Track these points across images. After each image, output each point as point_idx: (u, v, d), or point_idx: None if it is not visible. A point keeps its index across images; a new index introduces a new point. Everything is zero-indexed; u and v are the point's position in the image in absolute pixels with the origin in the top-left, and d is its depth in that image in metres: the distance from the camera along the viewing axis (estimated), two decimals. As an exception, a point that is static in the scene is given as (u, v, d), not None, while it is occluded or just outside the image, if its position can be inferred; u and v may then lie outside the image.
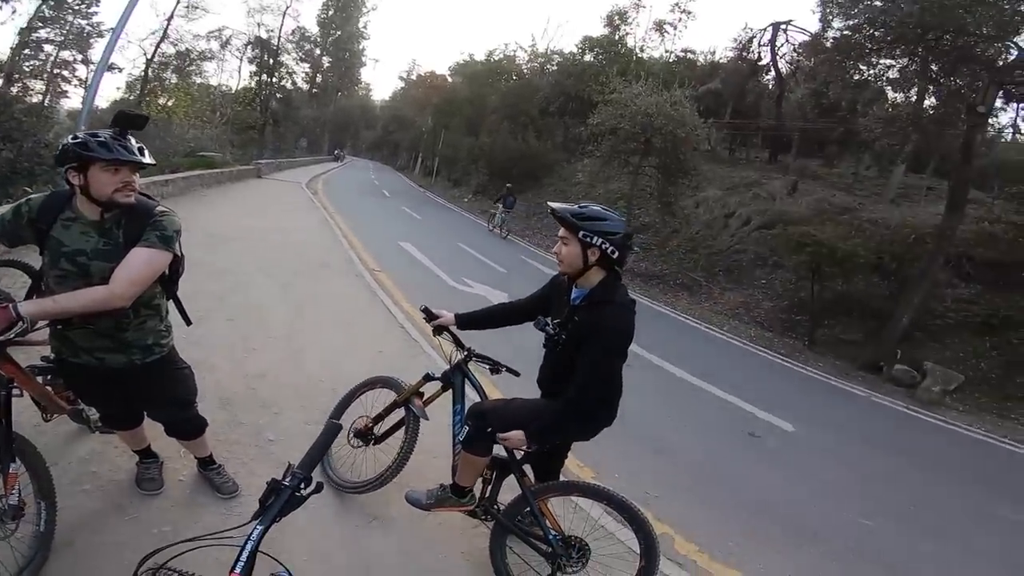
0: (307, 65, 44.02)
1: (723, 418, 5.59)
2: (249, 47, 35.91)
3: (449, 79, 46.17)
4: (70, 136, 1.80)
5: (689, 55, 29.54)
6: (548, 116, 28.40)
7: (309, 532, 2.38)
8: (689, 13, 30.32)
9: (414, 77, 58.11)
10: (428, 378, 2.58)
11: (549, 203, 2.05)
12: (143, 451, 2.51)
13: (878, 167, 19.18)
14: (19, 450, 1.85)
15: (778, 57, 22.17)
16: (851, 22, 11.05)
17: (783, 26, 21.70)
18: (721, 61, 27.30)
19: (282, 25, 36.41)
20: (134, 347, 2.00)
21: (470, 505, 2.37)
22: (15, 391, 1.85)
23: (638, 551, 2.15)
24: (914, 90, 11.88)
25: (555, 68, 30.84)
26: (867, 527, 3.94)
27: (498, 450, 2.25)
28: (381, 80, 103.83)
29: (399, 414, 2.68)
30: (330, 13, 44.08)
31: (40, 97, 25.90)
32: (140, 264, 1.79)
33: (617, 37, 30.37)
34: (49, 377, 2.28)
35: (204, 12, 31.13)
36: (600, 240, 1.90)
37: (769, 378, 8.09)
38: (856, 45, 10.85)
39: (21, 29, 24.75)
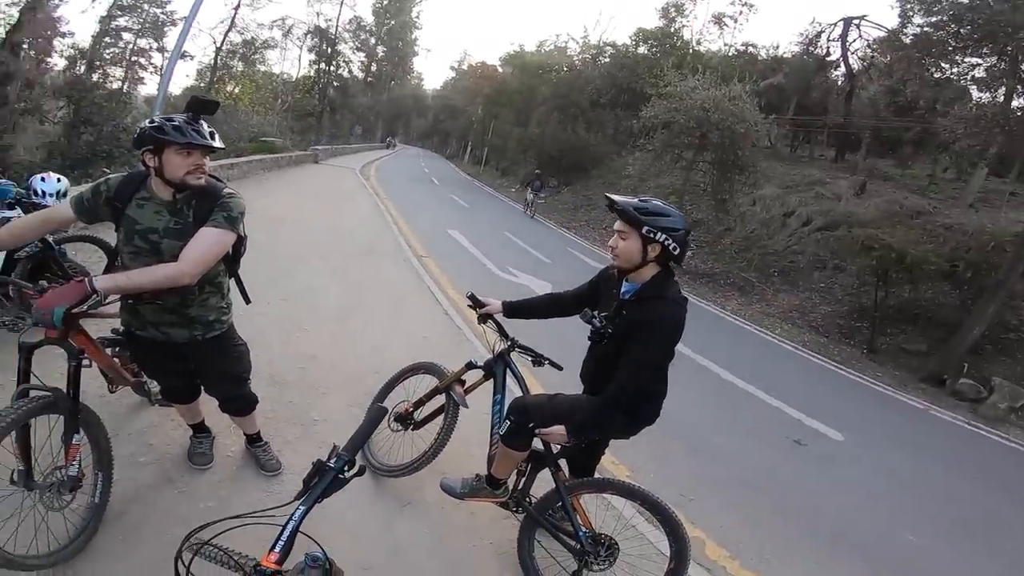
0: (363, 54, 44.83)
1: (768, 423, 5.39)
2: (309, 36, 37.02)
3: (499, 69, 46.06)
4: (147, 120, 1.88)
5: (750, 49, 28.41)
6: (599, 108, 27.97)
7: (343, 513, 2.40)
8: (751, 6, 29.08)
9: (465, 67, 58.32)
10: (471, 366, 2.57)
11: (609, 195, 1.98)
12: (197, 425, 2.62)
13: (957, 169, 17.84)
14: (84, 421, 1.92)
15: (849, 53, 20.94)
16: (934, 19, 10.31)
17: (856, 21, 20.47)
18: (785, 56, 26.09)
19: (339, 14, 37.34)
20: (197, 323, 2.09)
21: (503, 497, 2.37)
22: (84, 362, 1.93)
23: (668, 553, 2.11)
24: (1002, 90, 10.95)
25: (607, 60, 30.27)
26: (914, 543, 3.75)
27: (535, 443, 2.24)
28: (433, 69, 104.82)
29: (440, 400, 2.68)
30: (384, 2, 44.55)
31: (119, 83, 27.48)
32: (207, 243, 1.87)
33: (673, 29, 29.55)
34: (117, 349, 2.39)
35: (267, 1, 32.39)
36: (664, 236, 1.85)
37: (821, 385, 7.75)
38: (938, 43, 10.16)
39: (102, 17, 26.26)
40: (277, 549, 1.14)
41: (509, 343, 2.48)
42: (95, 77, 25.20)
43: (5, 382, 2.91)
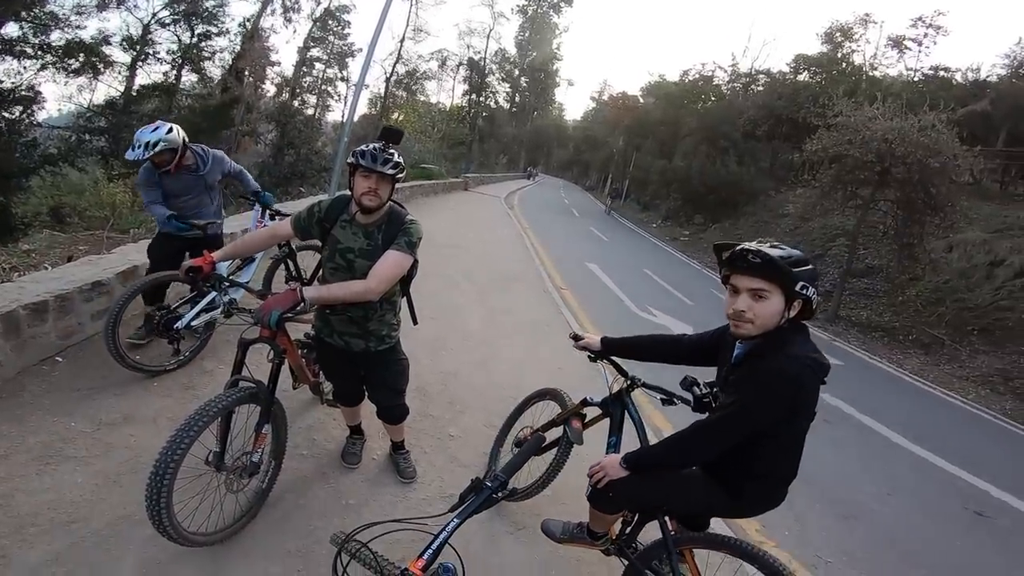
0: (507, 85, 47.62)
1: (943, 492, 4.69)
2: (461, 67, 40.18)
3: (641, 100, 45.50)
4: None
5: (942, 73, 24.85)
6: (753, 140, 26.20)
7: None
8: (938, 28, 25.45)
9: (605, 98, 58.64)
10: (585, 403, 2.37)
11: (758, 245, 1.53)
12: (354, 428, 2.87)
13: None
14: (273, 413, 2.13)
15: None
16: None
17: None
18: (989, 79, 22.46)
19: (487, 47, 40.17)
20: (372, 335, 2.28)
21: (603, 547, 2.21)
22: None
23: None
24: None
25: (761, 89, 28.65)
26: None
27: None
28: (574, 100, 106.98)
29: (558, 431, 2.61)
30: (526, 35, 46.90)
31: (313, 110, 31.93)
32: (391, 265, 2.06)
33: (839, 55, 27.06)
34: (306, 351, 2.69)
35: (426, 35, 36.33)
36: (812, 290, 1.50)
37: (1021, 457, 6.50)
38: None
39: (299, 48, 30.88)
40: (426, 556, 1.17)
41: (628, 382, 2.24)
42: (296, 103, 29.48)
43: (213, 368, 3.40)
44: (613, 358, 2.29)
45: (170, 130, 3.18)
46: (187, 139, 3.31)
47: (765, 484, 1.68)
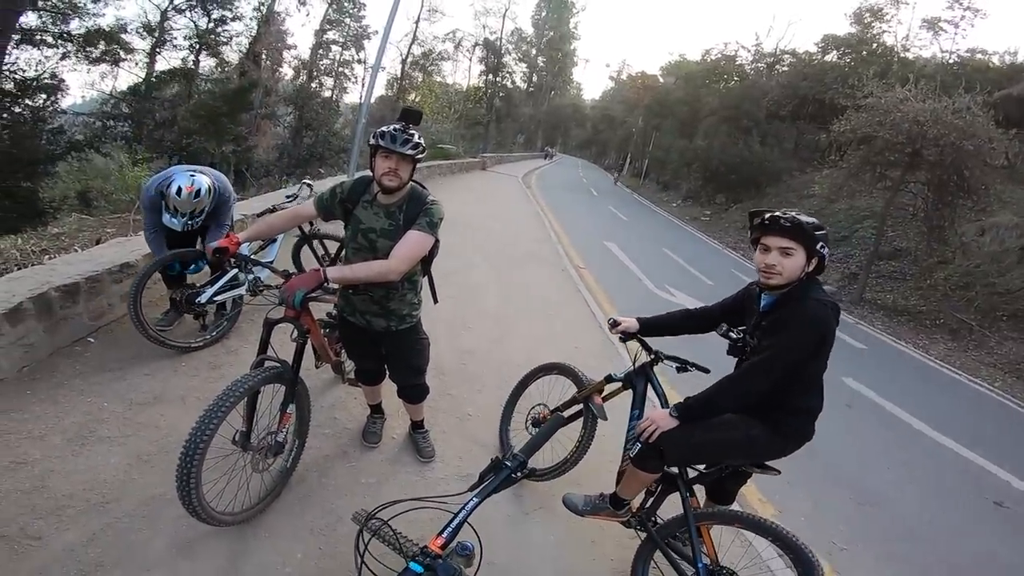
0: (524, 65, 46.90)
1: (964, 482, 4.56)
2: (477, 47, 39.70)
3: (661, 79, 44.72)
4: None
5: (978, 56, 23.89)
6: (776, 120, 25.56)
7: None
8: (976, 11, 24.30)
9: (624, 77, 57.70)
10: (610, 379, 2.47)
11: (785, 212, 1.83)
12: (375, 406, 2.91)
13: None
14: (298, 393, 2.15)
15: None
16: None
17: None
18: (1027, 62, 21.45)
19: (503, 27, 39.58)
20: (393, 315, 2.30)
21: (624, 517, 2.29)
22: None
23: None
24: None
25: (786, 69, 28.06)
26: None
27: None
28: (592, 79, 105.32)
29: (576, 407, 2.65)
30: (543, 14, 46.16)
31: (330, 92, 31.91)
32: (413, 245, 2.07)
33: (870, 36, 26.15)
34: (327, 331, 2.71)
35: (441, 15, 35.78)
36: (827, 249, 1.81)
37: None
38: None
39: (316, 31, 30.77)
40: (445, 535, 1.17)
41: (652, 356, 2.35)
42: (313, 86, 29.54)
43: (238, 348, 3.47)
44: (642, 338, 2.39)
45: (211, 190, 3.04)
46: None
47: (800, 417, 1.89)
